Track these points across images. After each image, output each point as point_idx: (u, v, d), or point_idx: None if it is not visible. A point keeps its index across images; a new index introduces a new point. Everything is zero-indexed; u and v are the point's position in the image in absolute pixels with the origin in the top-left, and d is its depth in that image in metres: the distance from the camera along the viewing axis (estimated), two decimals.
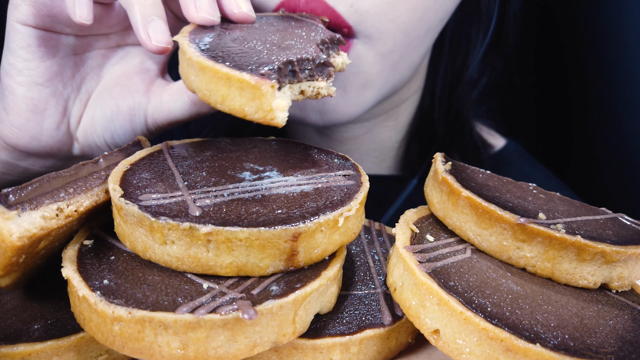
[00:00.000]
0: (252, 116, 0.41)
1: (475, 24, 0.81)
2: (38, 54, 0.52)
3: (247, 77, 0.40)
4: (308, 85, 0.46)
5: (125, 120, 0.57)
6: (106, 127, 0.58)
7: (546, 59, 1.10)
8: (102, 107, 0.58)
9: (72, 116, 0.57)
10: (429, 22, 0.66)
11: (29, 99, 0.53)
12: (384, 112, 0.80)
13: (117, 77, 0.59)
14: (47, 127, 0.55)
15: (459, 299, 0.38)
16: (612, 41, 0.94)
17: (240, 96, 0.41)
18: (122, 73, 0.59)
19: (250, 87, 0.40)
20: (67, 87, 0.56)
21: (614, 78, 0.95)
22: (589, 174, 1.05)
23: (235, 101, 0.41)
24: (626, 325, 0.41)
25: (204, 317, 0.35)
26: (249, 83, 0.40)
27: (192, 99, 0.54)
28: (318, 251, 0.42)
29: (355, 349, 0.42)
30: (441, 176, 0.48)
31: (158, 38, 0.47)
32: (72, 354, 0.41)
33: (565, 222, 0.44)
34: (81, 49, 0.57)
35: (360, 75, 0.64)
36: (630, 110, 0.94)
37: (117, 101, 0.57)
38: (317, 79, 0.46)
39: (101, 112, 0.57)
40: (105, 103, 0.58)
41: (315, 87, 0.46)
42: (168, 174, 0.46)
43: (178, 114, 0.56)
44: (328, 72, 0.47)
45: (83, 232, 0.45)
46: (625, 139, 0.95)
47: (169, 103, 0.56)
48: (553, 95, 1.11)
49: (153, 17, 0.47)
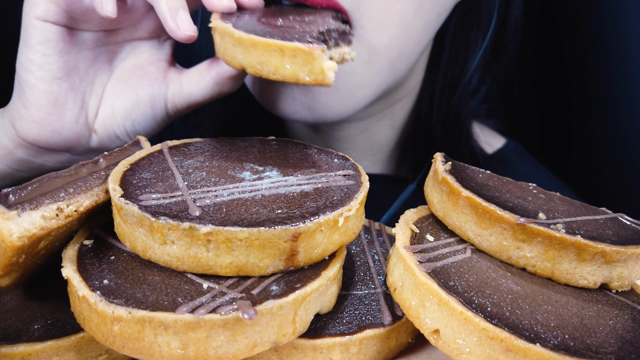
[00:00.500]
0: (304, 79, 0.46)
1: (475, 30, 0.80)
2: (57, 48, 0.54)
3: (301, 45, 0.45)
4: (336, 51, 0.50)
5: (147, 108, 0.60)
6: (127, 115, 0.60)
7: (546, 59, 1.10)
8: (121, 97, 0.60)
9: (90, 109, 0.60)
10: (426, 16, 0.65)
11: (50, 93, 0.55)
12: (379, 111, 0.80)
13: (129, 69, 0.62)
14: (68, 120, 0.57)
15: (459, 299, 0.38)
16: (612, 41, 0.94)
17: (292, 63, 0.46)
18: (134, 65, 0.62)
19: (303, 54, 0.45)
20: (83, 81, 0.58)
21: (614, 78, 0.95)
22: (589, 174, 1.05)
23: (288, 69, 0.46)
24: (626, 325, 0.41)
25: (204, 317, 0.35)
26: (303, 50, 0.45)
27: (216, 79, 0.58)
28: (318, 251, 0.42)
29: (355, 349, 0.42)
30: (441, 176, 0.48)
31: (186, 27, 0.52)
32: (72, 354, 0.41)
33: (565, 222, 0.44)
34: (93, 45, 0.59)
35: (355, 75, 0.64)
36: (630, 110, 0.94)
37: (136, 90, 0.60)
38: (341, 46, 0.52)
39: (120, 101, 0.60)
40: (123, 93, 0.60)
41: (340, 53, 0.51)
42: (168, 174, 0.46)
43: (199, 96, 0.59)
44: (348, 39, 0.53)
45: (83, 232, 0.45)
46: (625, 139, 0.95)
47: (190, 87, 0.59)
48: (553, 95, 1.11)
49: (179, 8, 0.52)
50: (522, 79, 1.10)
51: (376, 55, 0.63)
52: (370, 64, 0.63)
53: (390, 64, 0.65)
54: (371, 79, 0.65)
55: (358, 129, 0.82)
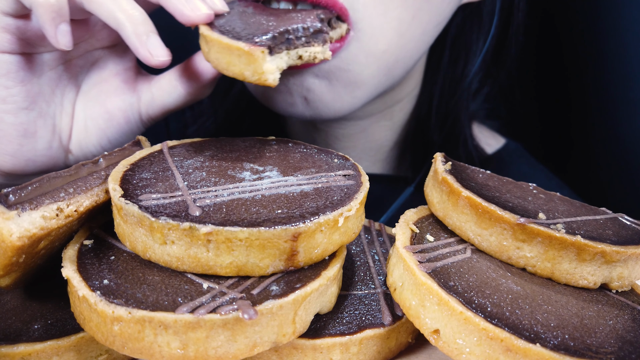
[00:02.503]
0: (250, 79, 0.48)
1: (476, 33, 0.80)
2: (18, 78, 0.52)
3: (242, 45, 0.47)
4: (305, 50, 0.52)
5: (121, 124, 0.58)
6: (102, 135, 0.58)
7: (546, 59, 1.10)
8: (93, 117, 0.58)
9: (63, 131, 0.58)
10: (424, 25, 0.65)
11: (19, 124, 0.53)
12: (377, 112, 0.80)
13: (96, 83, 0.59)
14: (41, 147, 0.55)
15: (459, 299, 0.38)
16: (612, 41, 0.94)
17: (239, 62, 0.47)
18: (100, 78, 0.60)
19: (245, 54, 0.47)
20: (51, 104, 0.56)
21: (613, 78, 0.95)
22: (589, 174, 1.05)
23: (236, 66, 0.48)
24: (626, 325, 0.41)
25: (204, 317, 0.35)
26: (244, 50, 0.46)
27: (188, 89, 0.57)
28: (318, 251, 0.42)
29: (355, 349, 0.42)
30: (441, 176, 0.48)
31: (158, 52, 0.50)
32: (72, 354, 0.41)
33: (565, 222, 0.44)
34: (54, 64, 0.56)
35: (350, 74, 0.63)
36: (630, 110, 0.94)
37: (107, 106, 0.58)
38: (313, 45, 0.52)
39: (93, 121, 0.58)
40: (94, 111, 0.58)
41: (311, 52, 0.52)
42: (168, 174, 0.46)
43: (172, 105, 0.58)
44: (323, 37, 0.53)
45: (83, 232, 0.45)
46: (625, 139, 0.95)
47: (162, 97, 0.58)
48: (553, 95, 1.11)
49: (148, 34, 0.49)
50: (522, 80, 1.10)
51: (373, 59, 0.63)
52: (367, 66, 0.63)
53: (387, 69, 0.65)
54: (368, 81, 0.65)
55: (357, 127, 0.82)
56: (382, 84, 0.68)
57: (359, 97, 0.66)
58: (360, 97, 0.66)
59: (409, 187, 0.84)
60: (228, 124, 0.92)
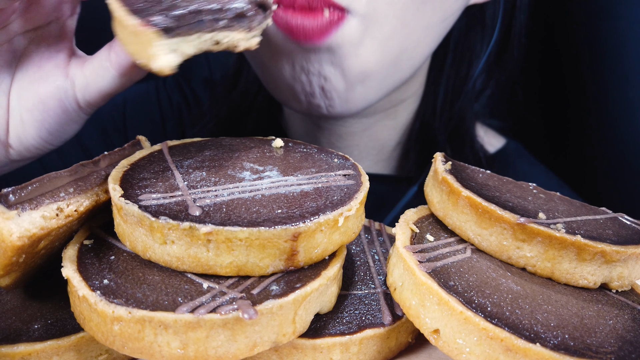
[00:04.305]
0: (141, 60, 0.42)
1: (480, 35, 0.81)
2: None
3: (132, 23, 0.40)
4: (224, 35, 0.45)
5: (58, 113, 0.54)
6: (39, 127, 0.54)
7: (545, 60, 1.10)
8: (28, 108, 0.54)
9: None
10: (428, 17, 0.65)
11: None
12: (382, 110, 0.81)
13: (29, 69, 0.55)
14: None
15: (459, 298, 0.38)
16: (611, 41, 0.94)
17: (135, 41, 0.41)
18: (32, 63, 0.55)
19: (136, 33, 0.40)
20: None
21: (612, 79, 0.95)
22: (588, 174, 1.05)
23: (132, 45, 0.42)
24: (626, 325, 0.41)
25: (204, 317, 0.35)
26: (135, 28, 0.40)
27: (119, 70, 0.52)
28: (318, 251, 0.42)
29: (355, 349, 0.42)
30: (441, 176, 0.48)
31: None
32: (72, 354, 0.41)
33: (565, 222, 0.44)
34: None
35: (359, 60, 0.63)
36: (629, 110, 0.94)
37: (40, 96, 0.53)
38: (235, 30, 0.45)
39: (28, 113, 0.54)
40: (28, 102, 0.54)
41: (231, 38, 0.46)
42: (168, 173, 0.46)
43: (109, 89, 0.53)
44: (249, 24, 0.46)
45: (83, 232, 0.45)
46: (624, 139, 0.95)
47: (97, 81, 0.53)
48: (553, 95, 1.11)
49: None
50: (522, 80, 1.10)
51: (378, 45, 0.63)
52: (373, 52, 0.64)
53: (393, 58, 0.66)
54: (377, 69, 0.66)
55: (361, 126, 0.82)
56: (391, 77, 0.68)
57: (371, 87, 0.67)
58: (372, 87, 0.67)
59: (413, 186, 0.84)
60: (229, 125, 0.92)
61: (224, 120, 0.92)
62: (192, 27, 0.42)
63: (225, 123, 0.92)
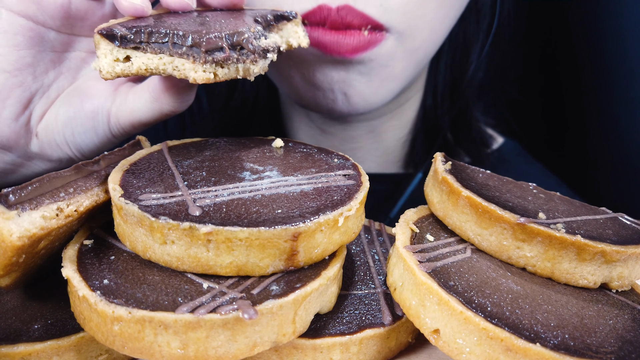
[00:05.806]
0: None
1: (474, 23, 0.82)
2: (13, 41, 0.51)
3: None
4: (172, 61, 0.47)
5: (88, 118, 0.57)
6: (68, 123, 0.57)
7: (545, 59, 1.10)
8: (67, 105, 0.57)
9: (35, 110, 0.56)
10: (449, 20, 0.68)
11: None
12: (388, 112, 0.81)
13: (90, 79, 0.59)
14: (6, 116, 0.54)
15: (459, 298, 0.38)
16: (611, 40, 0.94)
17: None
18: (97, 76, 0.59)
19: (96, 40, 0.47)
20: (37, 81, 0.55)
21: (612, 78, 0.95)
22: (588, 174, 1.05)
23: None
24: (626, 325, 0.41)
25: (204, 317, 0.35)
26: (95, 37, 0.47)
27: (153, 93, 0.54)
28: (318, 251, 0.42)
29: (355, 349, 0.42)
30: (441, 176, 0.48)
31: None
32: (72, 354, 0.41)
33: (565, 222, 0.44)
34: (61, 47, 0.56)
35: (388, 69, 0.66)
36: (629, 109, 0.94)
37: (83, 101, 0.57)
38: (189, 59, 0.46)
39: (65, 109, 0.57)
40: (70, 101, 0.57)
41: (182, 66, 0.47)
42: (168, 173, 0.46)
43: (141, 113, 0.55)
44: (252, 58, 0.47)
45: (83, 232, 0.45)
46: (624, 138, 0.95)
47: (133, 102, 0.55)
48: (552, 95, 1.11)
49: None
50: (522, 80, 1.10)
51: (407, 55, 0.66)
52: (401, 61, 0.66)
53: (417, 63, 0.69)
54: (400, 74, 0.68)
55: (367, 128, 0.82)
56: (411, 77, 0.71)
57: (391, 89, 0.70)
58: (393, 89, 0.70)
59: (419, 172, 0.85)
60: (231, 127, 0.92)
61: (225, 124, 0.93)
62: (154, 46, 0.46)
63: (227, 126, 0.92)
